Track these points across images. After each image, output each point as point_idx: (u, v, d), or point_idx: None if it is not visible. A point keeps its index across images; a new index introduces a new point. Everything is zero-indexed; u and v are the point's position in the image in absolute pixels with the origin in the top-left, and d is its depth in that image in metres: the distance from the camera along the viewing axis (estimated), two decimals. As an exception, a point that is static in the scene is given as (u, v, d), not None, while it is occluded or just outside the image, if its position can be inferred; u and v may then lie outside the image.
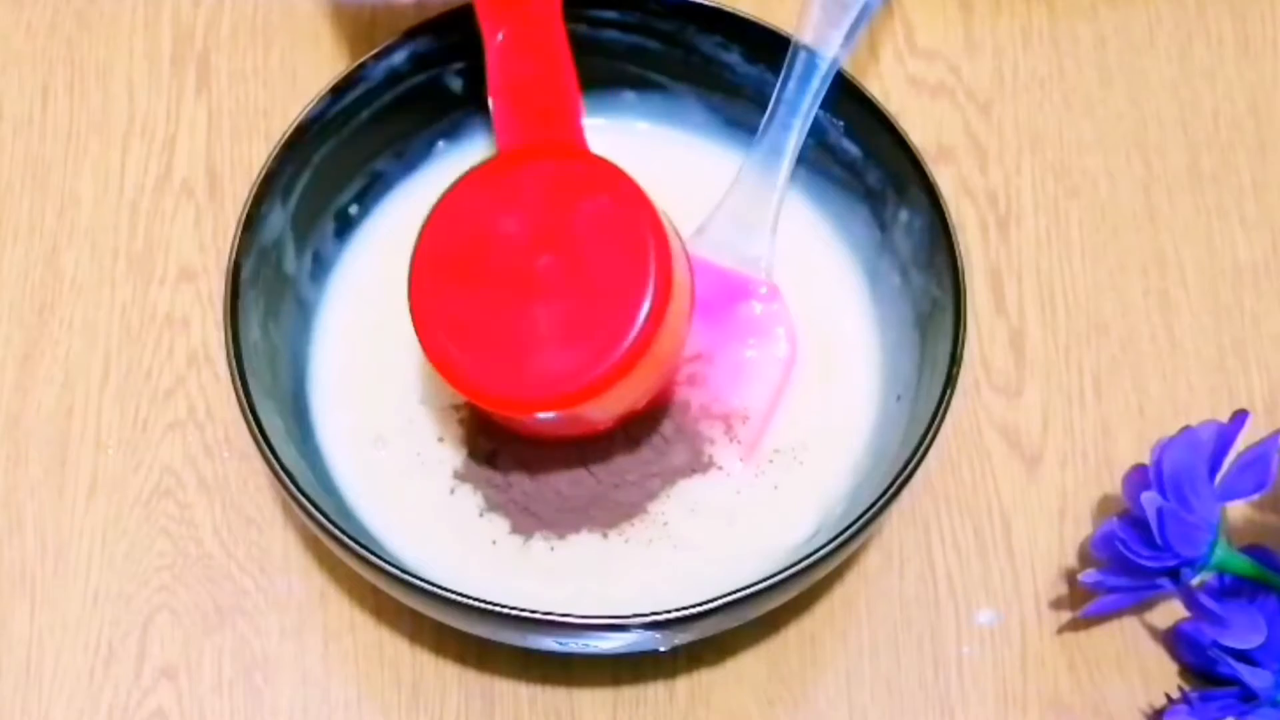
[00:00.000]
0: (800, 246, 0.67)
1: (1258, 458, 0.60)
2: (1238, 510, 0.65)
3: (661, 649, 0.62)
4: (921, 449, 0.58)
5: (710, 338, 0.64)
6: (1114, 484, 0.65)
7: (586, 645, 0.58)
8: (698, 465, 0.63)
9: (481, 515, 0.62)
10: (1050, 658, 0.64)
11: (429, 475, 0.63)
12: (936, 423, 0.58)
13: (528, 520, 0.62)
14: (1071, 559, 0.65)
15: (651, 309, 0.55)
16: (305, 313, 0.65)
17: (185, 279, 0.70)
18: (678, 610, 0.55)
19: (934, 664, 0.63)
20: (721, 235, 0.65)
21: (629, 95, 0.69)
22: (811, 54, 0.64)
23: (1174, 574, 0.61)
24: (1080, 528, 0.66)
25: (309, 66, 0.74)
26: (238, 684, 0.63)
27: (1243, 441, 0.61)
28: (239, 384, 0.59)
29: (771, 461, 0.63)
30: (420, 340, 0.57)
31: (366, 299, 0.66)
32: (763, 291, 0.65)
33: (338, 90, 0.64)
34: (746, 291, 0.65)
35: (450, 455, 0.63)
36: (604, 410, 0.59)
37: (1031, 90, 0.74)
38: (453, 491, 0.63)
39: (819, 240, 0.67)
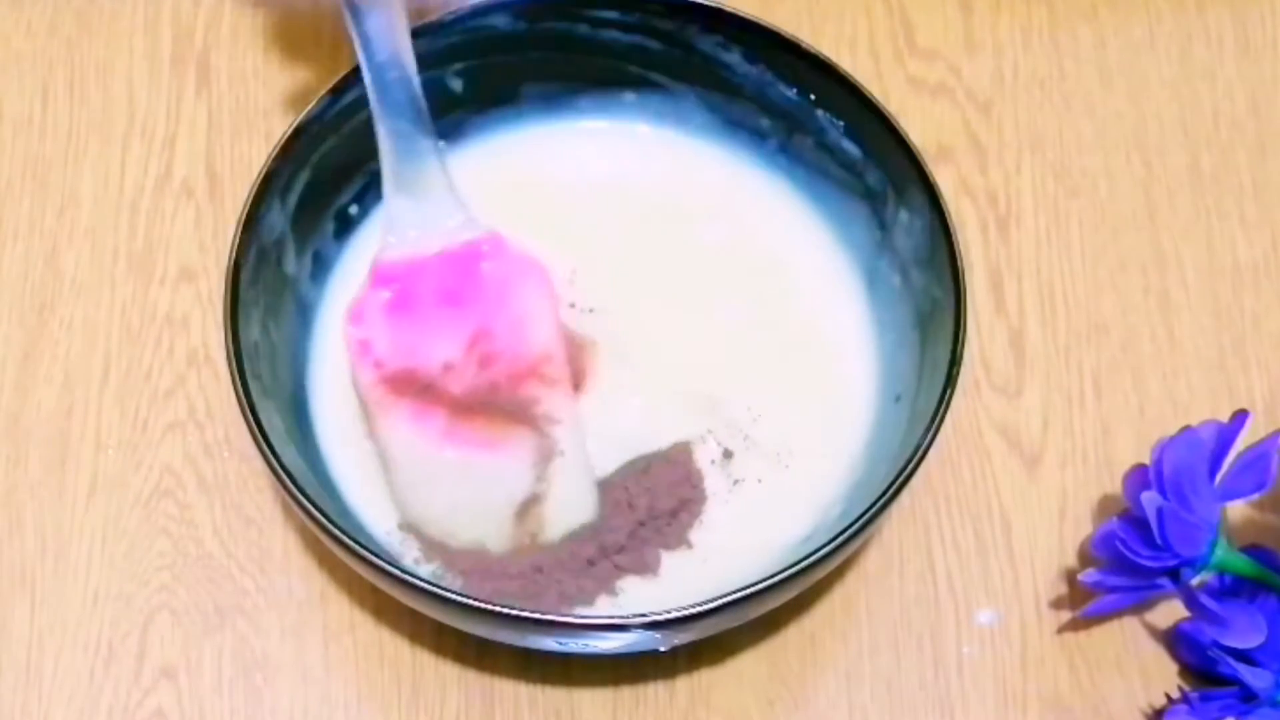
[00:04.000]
0: (800, 247, 0.67)
1: (1258, 457, 0.60)
2: (1238, 510, 0.65)
3: (661, 649, 0.62)
4: (921, 449, 0.58)
5: (477, 317, 0.62)
6: (1114, 484, 0.65)
7: (586, 645, 0.58)
8: (694, 496, 0.62)
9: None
10: (1050, 658, 0.64)
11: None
12: (936, 423, 0.58)
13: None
14: (1071, 559, 0.65)
15: None
16: (305, 313, 0.65)
17: (185, 279, 0.70)
18: (678, 610, 0.55)
19: (934, 664, 0.63)
20: (413, 228, 0.62)
21: (629, 96, 0.69)
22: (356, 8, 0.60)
23: (1174, 574, 0.61)
24: (1080, 527, 0.66)
25: (309, 66, 0.74)
26: (238, 684, 0.63)
27: (1243, 441, 0.61)
28: (239, 384, 0.59)
29: (771, 462, 0.63)
30: None
31: (366, 299, 0.66)
32: (485, 249, 0.62)
33: (338, 90, 0.64)
34: (475, 257, 0.62)
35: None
36: None
37: (1031, 90, 0.74)
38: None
39: (819, 241, 0.67)
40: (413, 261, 0.61)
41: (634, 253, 0.66)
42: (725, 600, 0.56)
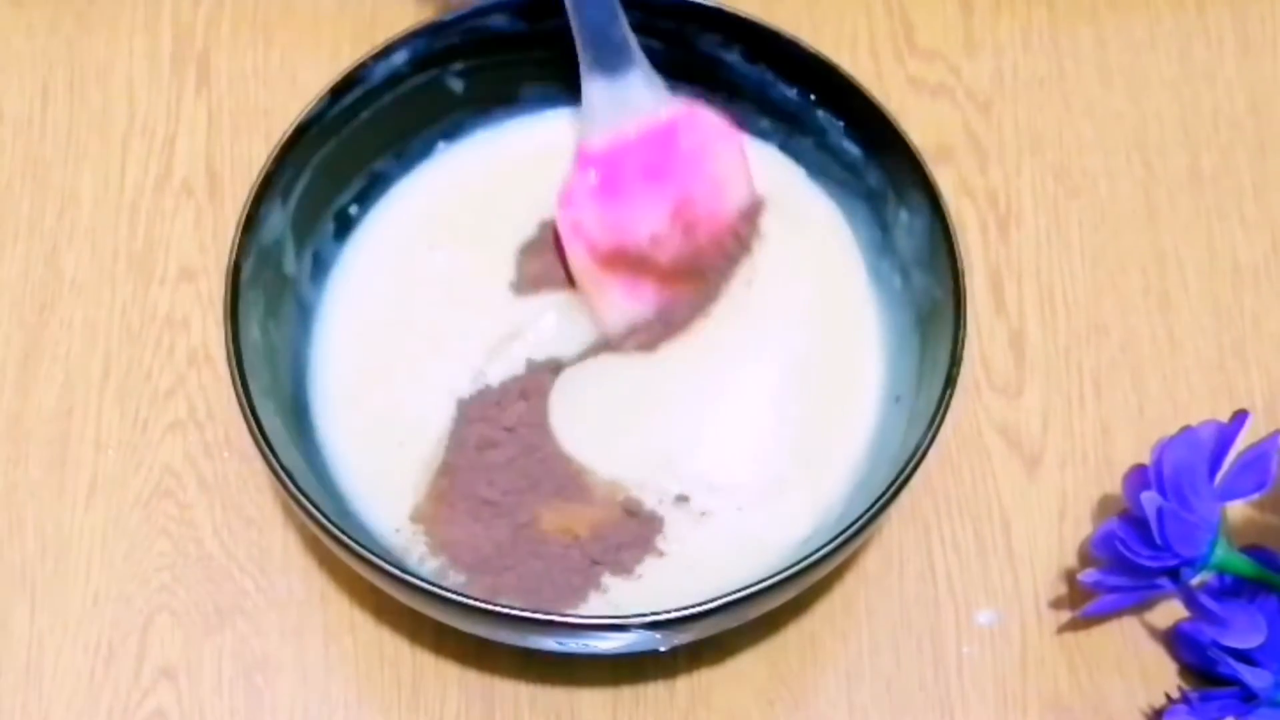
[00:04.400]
0: (800, 247, 0.67)
1: (1258, 457, 0.60)
2: (1238, 510, 0.65)
3: (661, 649, 0.61)
4: (921, 449, 0.58)
5: (678, 187, 0.65)
6: (1114, 484, 0.65)
7: (586, 645, 0.58)
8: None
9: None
10: (1050, 658, 0.64)
11: (428, 475, 0.63)
12: (936, 423, 0.58)
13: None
14: (1071, 559, 0.65)
15: None
16: (305, 313, 0.65)
17: (185, 279, 0.70)
18: (678, 610, 0.55)
19: (934, 664, 0.63)
20: (611, 110, 0.65)
21: (630, 95, 0.69)
22: None
23: (1174, 574, 0.61)
24: (1080, 528, 0.66)
25: (309, 66, 0.74)
26: (237, 684, 0.63)
27: (1243, 441, 0.61)
28: (239, 384, 0.59)
29: (771, 462, 0.63)
30: None
31: (366, 299, 0.66)
32: (681, 123, 0.65)
33: (338, 90, 0.64)
34: (674, 132, 0.65)
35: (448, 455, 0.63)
36: None
37: (1032, 90, 0.74)
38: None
39: (819, 240, 0.67)
40: (615, 144, 0.65)
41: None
42: (726, 600, 0.56)
